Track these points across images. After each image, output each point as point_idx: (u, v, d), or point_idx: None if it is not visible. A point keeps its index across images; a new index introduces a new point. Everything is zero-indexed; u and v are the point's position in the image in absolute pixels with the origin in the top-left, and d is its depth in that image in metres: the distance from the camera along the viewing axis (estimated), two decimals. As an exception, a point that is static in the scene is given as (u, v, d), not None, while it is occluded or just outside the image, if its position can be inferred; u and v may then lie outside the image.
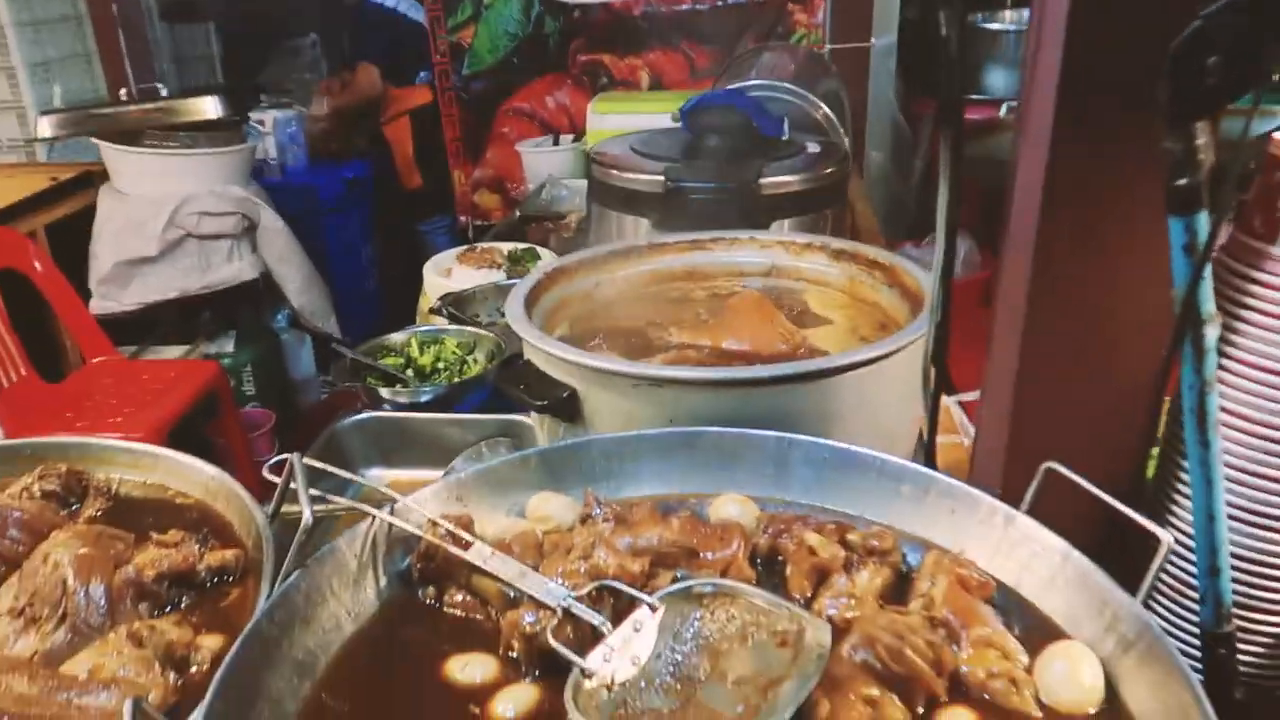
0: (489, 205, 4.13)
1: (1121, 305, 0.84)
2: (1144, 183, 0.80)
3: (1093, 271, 0.83)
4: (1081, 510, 0.82)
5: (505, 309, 1.25)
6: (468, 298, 1.99)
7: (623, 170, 1.75)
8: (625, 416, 1.09)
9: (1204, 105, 0.68)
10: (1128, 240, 0.82)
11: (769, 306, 1.34)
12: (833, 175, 1.78)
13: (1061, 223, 0.82)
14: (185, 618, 0.86)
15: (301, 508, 0.84)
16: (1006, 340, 0.87)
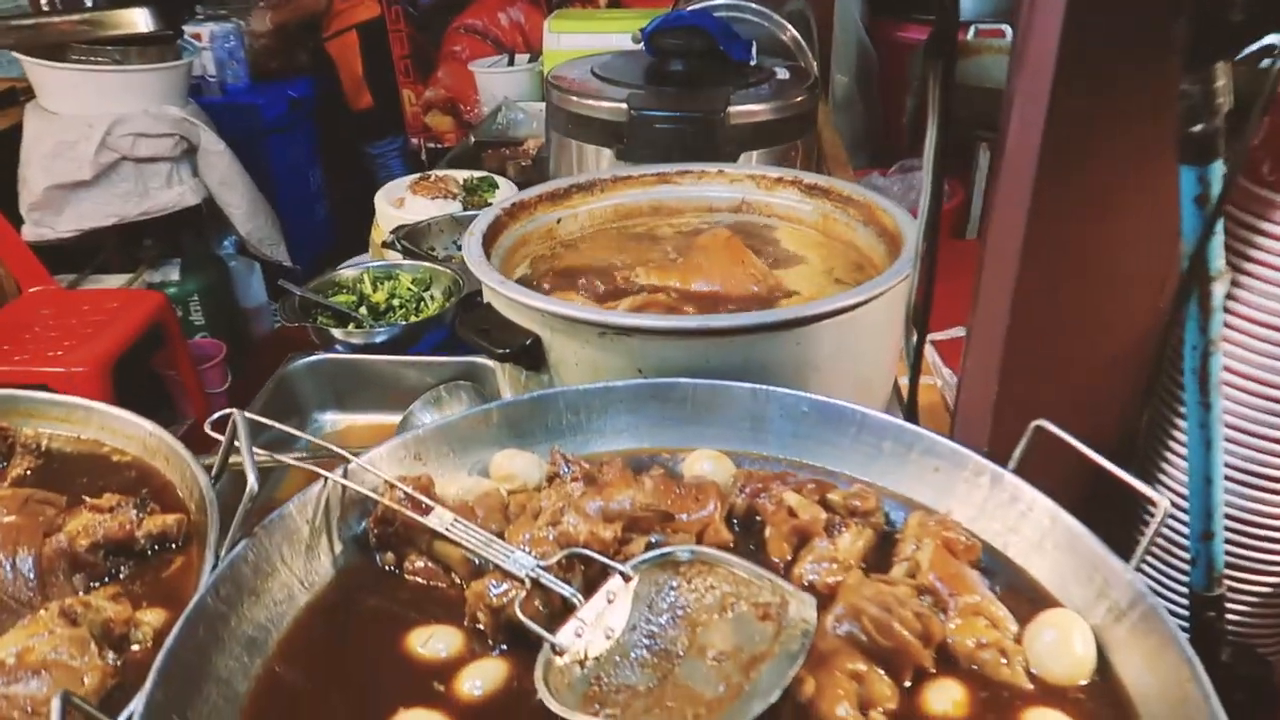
0: (442, 127, 3.98)
1: (1119, 257, 0.80)
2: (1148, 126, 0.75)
3: (1090, 222, 0.78)
4: (1071, 469, 0.78)
5: (462, 248, 1.18)
6: (422, 230, 1.90)
7: (583, 97, 1.66)
8: (591, 366, 1.04)
9: (1227, 44, 0.63)
10: (1128, 189, 0.77)
11: (739, 246, 1.28)
12: (803, 104, 1.71)
13: (1059, 170, 0.77)
14: (124, 590, 0.80)
15: (246, 472, 0.77)
16: (996, 294, 0.82)
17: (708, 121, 1.58)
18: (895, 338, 1.13)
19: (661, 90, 1.67)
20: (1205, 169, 0.65)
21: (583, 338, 1.03)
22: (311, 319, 1.64)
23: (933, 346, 1.55)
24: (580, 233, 1.41)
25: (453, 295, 1.70)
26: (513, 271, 1.29)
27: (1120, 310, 0.83)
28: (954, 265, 1.06)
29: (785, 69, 1.84)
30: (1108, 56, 0.73)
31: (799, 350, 1.02)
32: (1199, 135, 0.65)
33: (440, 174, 2.27)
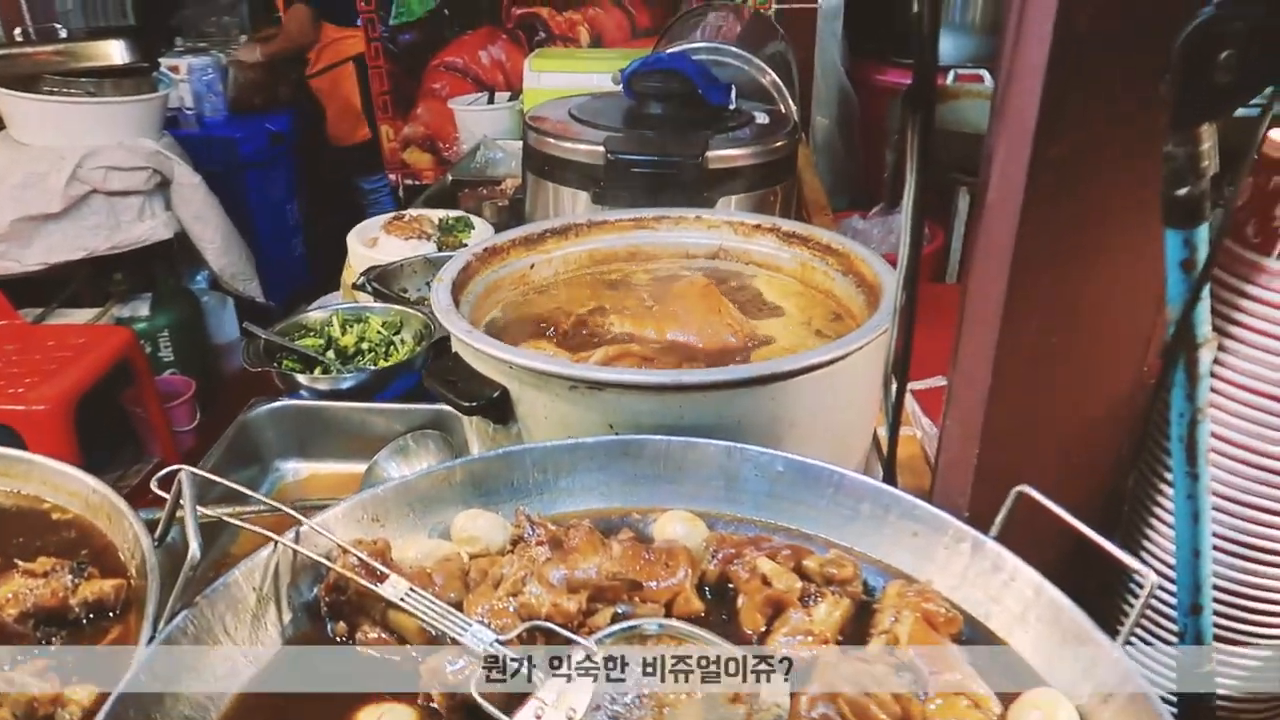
0: (420, 164, 3.96)
1: (1104, 316, 0.78)
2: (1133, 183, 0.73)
3: (1074, 279, 0.76)
4: (1054, 535, 0.75)
5: (431, 295, 1.15)
6: (394, 272, 1.87)
7: (560, 139, 1.65)
8: (561, 420, 1.01)
9: (1214, 107, 0.61)
10: (1113, 246, 0.75)
11: (716, 294, 1.26)
12: (782, 148, 1.70)
13: (1041, 226, 0.75)
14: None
15: (188, 537, 0.73)
16: (977, 353, 0.80)
17: (686, 166, 1.56)
18: (874, 391, 1.10)
19: (639, 134, 1.66)
20: (1191, 232, 0.64)
21: (552, 391, 0.99)
22: (277, 363, 1.60)
23: (912, 396, 1.53)
24: (554, 278, 1.38)
25: (424, 339, 1.67)
26: (483, 318, 1.26)
27: (1105, 371, 0.80)
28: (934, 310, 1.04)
29: (765, 113, 1.84)
30: (1091, 111, 0.72)
31: (775, 406, 0.99)
32: (1184, 198, 0.63)
33: (415, 213, 2.25)
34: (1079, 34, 0.68)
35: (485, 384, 1.04)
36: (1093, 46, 0.69)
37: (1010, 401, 0.81)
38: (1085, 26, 0.68)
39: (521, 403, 1.03)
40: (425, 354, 1.61)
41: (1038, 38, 0.70)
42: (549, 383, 0.99)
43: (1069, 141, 0.73)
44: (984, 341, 0.80)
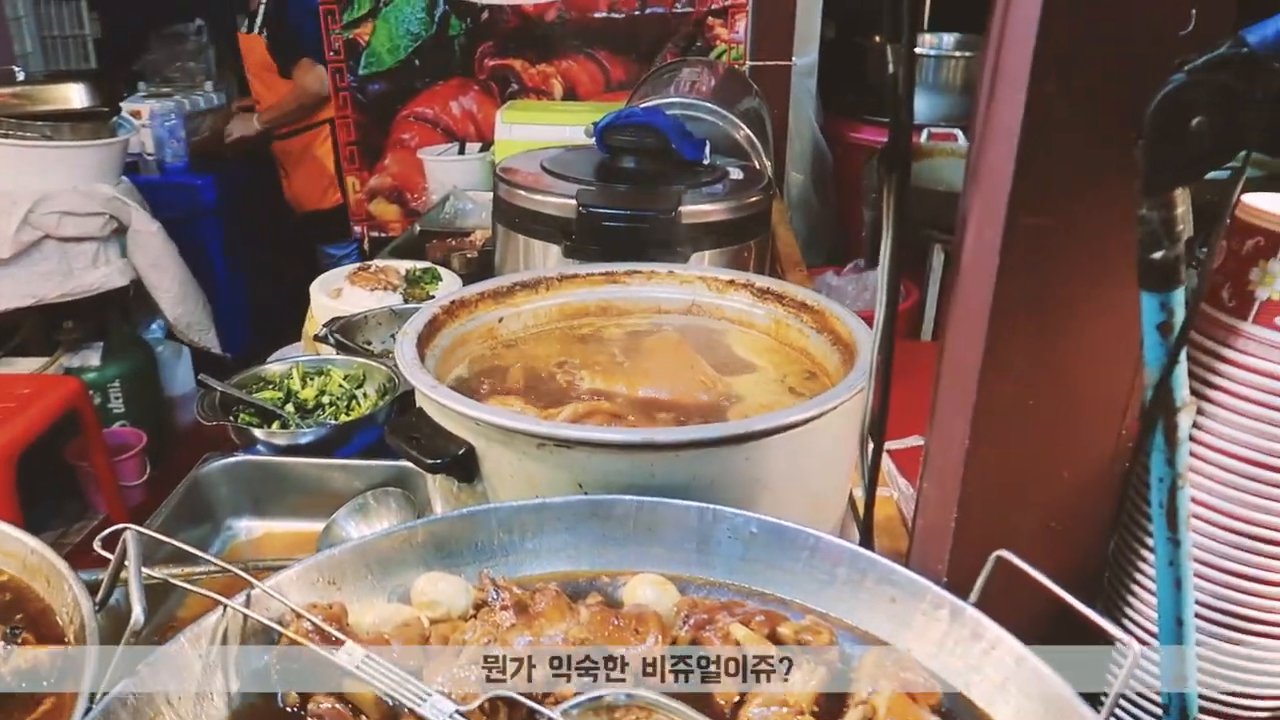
0: (386, 216, 3.97)
1: (1082, 378, 0.79)
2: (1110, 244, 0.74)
3: (1052, 341, 0.77)
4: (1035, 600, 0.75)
5: (396, 348, 1.15)
6: (358, 323, 1.87)
7: (532, 191, 1.66)
8: (528, 479, 1.00)
9: (1186, 172, 0.63)
10: (1090, 308, 0.77)
11: (688, 350, 1.27)
12: (757, 204, 1.72)
13: (1017, 290, 0.76)
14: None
15: (132, 600, 0.71)
16: (954, 417, 0.80)
17: (659, 221, 1.58)
18: (850, 451, 1.10)
19: (612, 187, 1.67)
20: (1167, 295, 0.65)
21: (519, 449, 0.99)
22: (233, 417, 1.58)
23: (889, 456, 1.53)
24: (524, 333, 1.38)
25: (387, 393, 1.65)
26: (449, 373, 1.25)
27: (1084, 434, 0.81)
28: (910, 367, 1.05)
29: (739, 168, 1.86)
30: (1066, 173, 0.73)
31: (749, 466, 0.99)
32: (1159, 262, 0.64)
33: (381, 264, 2.25)
34: (1051, 97, 0.70)
35: (450, 441, 1.03)
36: (1065, 110, 0.71)
37: (988, 463, 0.81)
38: (1056, 90, 0.70)
39: (487, 460, 1.02)
40: (388, 409, 1.59)
41: (1010, 101, 0.72)
42: (516, 440, 0.98)
43: (1044, 204, 0.74)
44: (961, 402, 0.81)
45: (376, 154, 3.91)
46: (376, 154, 3.91)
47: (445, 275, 2.25)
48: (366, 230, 3.99)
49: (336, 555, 0.87)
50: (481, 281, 1.38)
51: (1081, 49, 0.70)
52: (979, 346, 0.77)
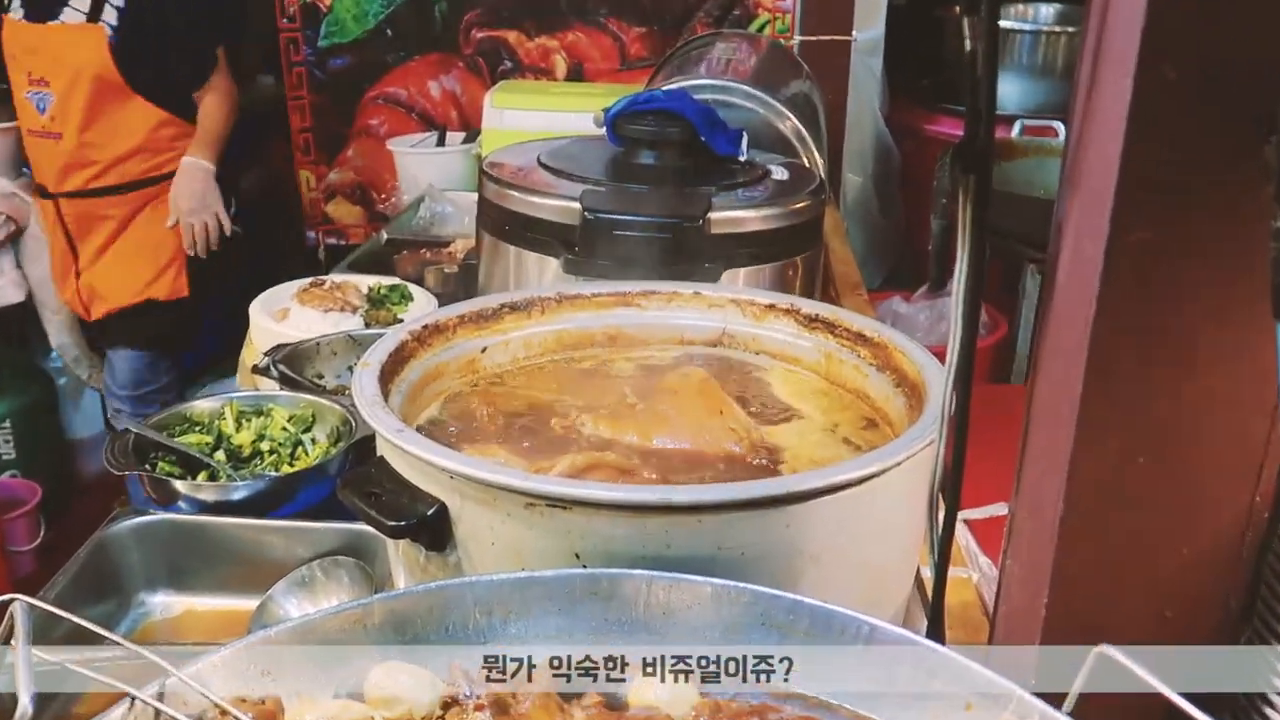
0: (346, 219, 4.02)
1: (1203, 435, 0.79)
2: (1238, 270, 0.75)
3: (1164, 387, 0.78)
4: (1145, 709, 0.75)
5: (353, 383, 1.16)
6: (307, 352, 1.89)
7: (526, 192, 1.69)
8: (514, 547, 1.01)
9: (1331, 173, 0.64)
10: (1212, 347, 0.77)
11: (717, 392, 1.28)
12: (805, 210, 1.74)
13: (1123, 321, 0.77)
14: None
15: (19, 689, 0.72)
16: (1046, 477, 0.81)
17: (683, 230, 1.60)
18: (917, 519, 1.11)
19: (626, 188, 1.70)
20: (1309, 328, 0.66)
21: (504, 509, 1.00)
22: (150, 465, 1.60)
23: (966, 528, 1.54)
24: (512, 366, 1.40)
25: (341, 439, 1.67)
26: (419, 414, 1.27)
27: (1206, 500, 0.82)
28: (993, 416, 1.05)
29: (783, 167, 1.89)
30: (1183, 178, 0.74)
31: (791, 535, 1.00)
32: (1298, 287, 0.65)
33: (338, 279, 2.28)
34: (1165, 84, 0.72)
35: (418, 498, 1.04)
36: (1182, 100, 0.72)
37: (1087, 537, 0.82)
38: (1171, 75, 0.71)
39: (463, 523, 1.03)
40: (342, 458, 1.60)
41: (1115, 89, 0.73)
42: (499, 498, 0.99)
43: (1156, 216, 0.75)
44: (1054, 461, 0.82)
45: (337, 144, 3.97)
46: (337, 144, 3.97)
47: (417, 294, 2.27)
48: (321, 237, 4.05)
49: (273, 638, 0.88)
50: (462, 302, 1.40)
51: (1203, 25, 0.72)
52: (1076, 388, 0.77)
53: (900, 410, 1.24)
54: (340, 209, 4.01)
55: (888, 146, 3.87)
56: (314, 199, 4.02)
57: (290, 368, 1.81)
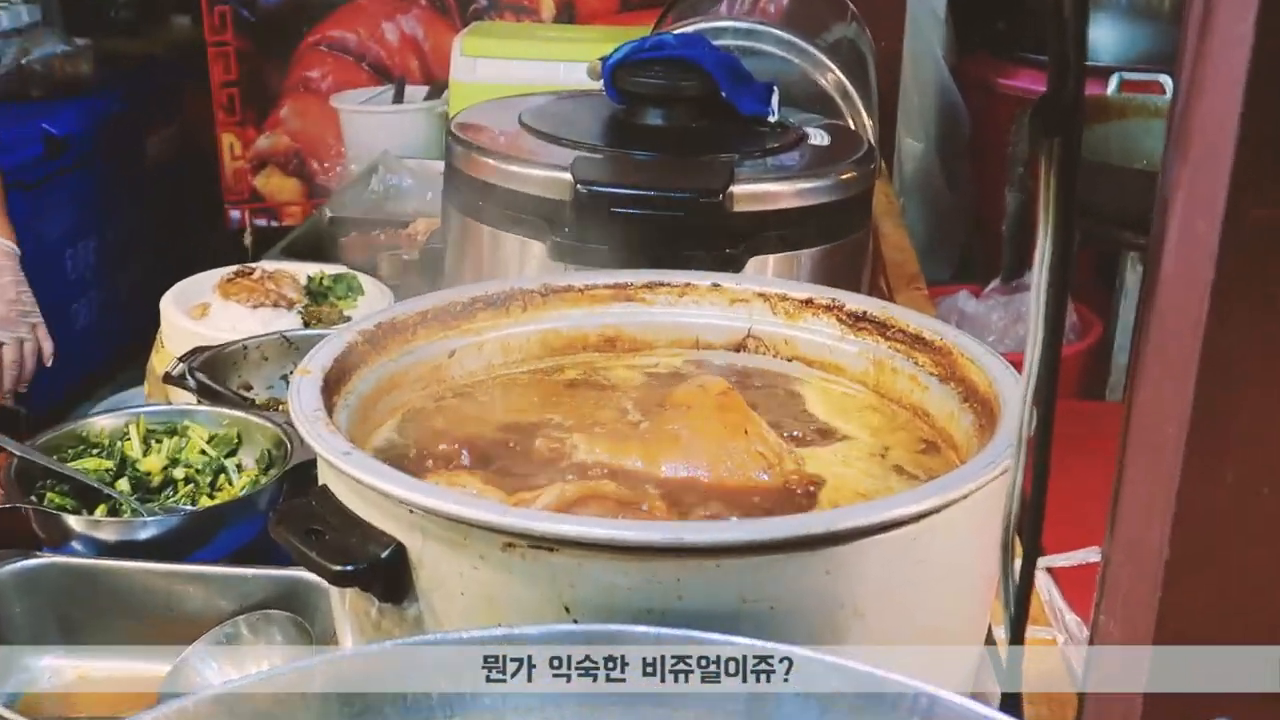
0: (280, 194, 4.04)
1: (1344, 458, 0.79)
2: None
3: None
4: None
5: (290, 396, 1.17)
6: (232, 358, 1.91)
7: (505, 159, 1.69)
8: (488, 598, 1.02)
9: None
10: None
11: (741, 407, 1.28)
12: (850, 184, 1.75)
13: (1242, 321, 0.77)
14: None
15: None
16: (1148, 516, 0.81)
17: (699, 207, 1.61)
18: (988, 565, 1.11)
19: (628, 155, 1.71)
20: None
21: (476, 551, 1.00)
22: (36, 496, 1.60)
23: (1049, 578, 1.54)
24: (486, 375, 1.41)
25: (274, 464, 1.67)
26: (371, 434, 1.28)
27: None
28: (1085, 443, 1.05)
29: (824, 130, 1.90)
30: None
31: (832, 584, 1.01)
32: None
33: (270, 267, 2.28)
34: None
35: (369, 537, 1.05)
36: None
37: (1199, 588, 0.82)
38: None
39: (425, 568, 1.03)
40: (276, 488, 1.61)
41: (1231, 35, 0.73)
42: (471, 537, 1.00)
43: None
44: (1159, 494, 0.82)
45: (268, 101, 3.98)
46: (268, 101, 3.98)
47: (368, 286, 2.28)
48: (249, 217, 4.06)
49: (189, 711, 0.88)
50: (424, 296, 1.41)
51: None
52: (1184, 409, 0.78)
53: (967, 431, 1.25)
54: (272, 182, 4.02)
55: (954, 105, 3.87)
56: (239, 169, 4.03)
57: (211, 376, 1.82)
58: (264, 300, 2.15)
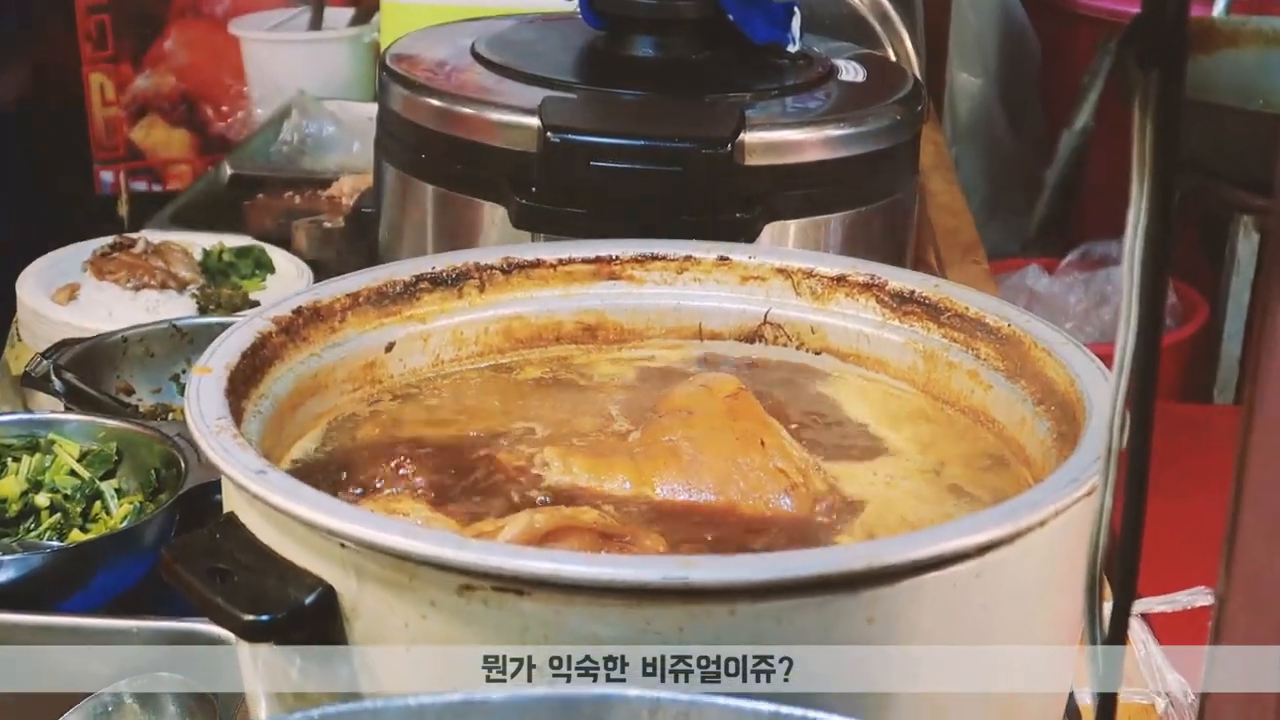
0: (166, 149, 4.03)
1: None
2: None
3: None
4: None
5: (186, 401, 1.17)
6: (109, 352, 1.91)
7: (453, 100, 1.69)
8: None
9: None
10: None
11: (756, 412, 1.29)
12: (890, 131, 1.76)
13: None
14: None
15: None
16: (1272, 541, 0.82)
17: (701, 160, 1.61)
18: (1069, 608, 1.13)
19: (610, 95, 1.72)
20: None
21: (426, 596, 1.01)
22: None
23: (1144, 626, 1.55)
24: (434, 373, 1.42)
25: (164, 489, 1.68)
26: (289, 448, 1.29)
27: None
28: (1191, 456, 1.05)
29: (856, 62, 1.90)
30: None
31: (873, 634, 1.01)
32: None
33: (156, 239, 2.28)
34: None
35: (289, 579, 1.05)
36: None
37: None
38: None
39: (361, 617, 1.04)
40: (167, 518, 1.61)
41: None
42: (419, 578, 1.00)
43: None
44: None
45: (148, 30, 3.97)
46: (148, 30, 3.97)
47: (281, 262, 2.28)
48: (125, 178, 4.05)
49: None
50: (353, 274, 1.42)
51: None
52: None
53: (1042, 441, 1.25)
54: (155, 133, 4.01)
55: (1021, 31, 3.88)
56: (113, 118, 4.01)
57: (82, 377, 1.81)
58: (148, 280, 2.15)
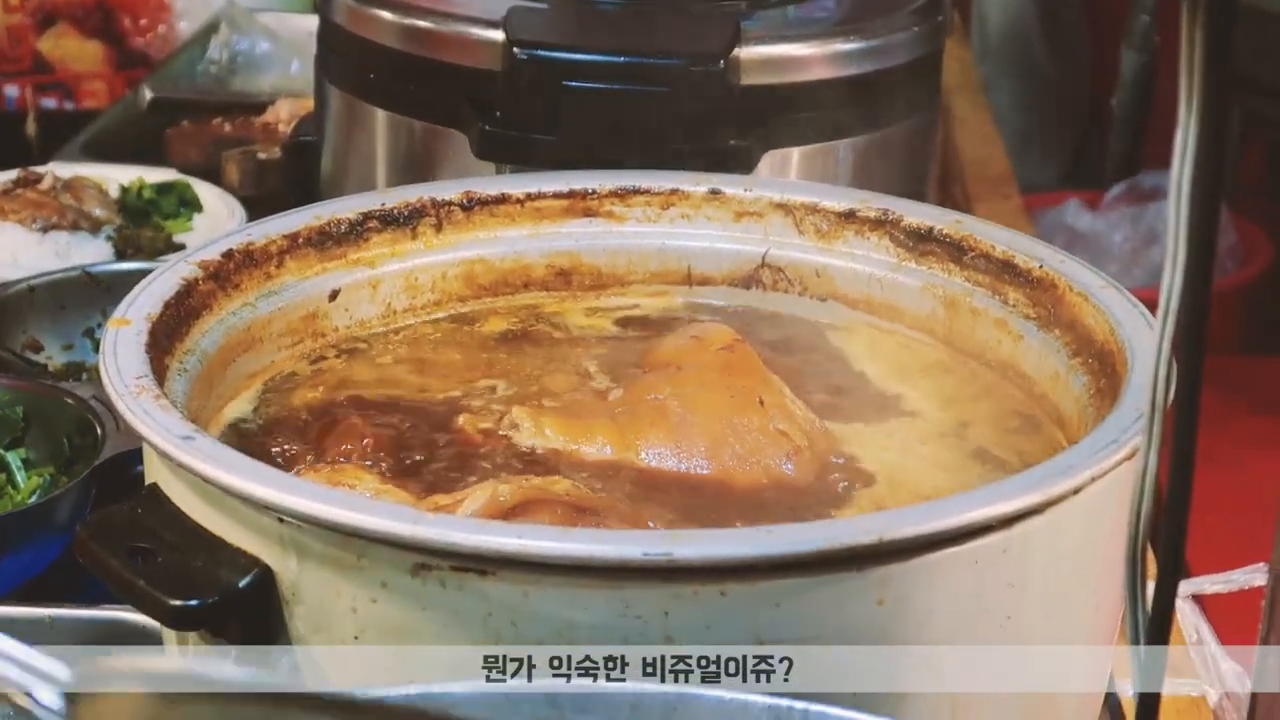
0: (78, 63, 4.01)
1: None
2: None
3: None
4: None
5: (101, 359, 1.17)
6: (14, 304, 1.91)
7: (406, 12, 1.69)
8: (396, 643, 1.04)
9: None
10: None
11: (753, 367, 1.30)
12: (906, 45, 1.76)
13: None
14: None
15: None
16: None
17: (690, 79, 1.61)
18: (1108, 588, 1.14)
19: (585, 5, 1.71)
20: None
21: (376, 577, 1.02)
22: None
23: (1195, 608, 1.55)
24: (384, 325, 1.43)
25: (77, 459, 1.68)
26: (220, 411, 1.29)
27: None
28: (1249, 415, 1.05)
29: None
30: None
31: (885, 617, 1.02)
32: None
33: (66, 173, 2.28)
34: None
35: (220, 559, 1.06)
36: None
37: None
38: None
39: (302, 602, 1.05)
40: (81, 491, 1.61)
41: None
42: (369, 557, 1.01)
43: None
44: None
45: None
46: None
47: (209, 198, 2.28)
48: (32, 95, 4.03)
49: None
50: (292, 212, 1.42)
51: None
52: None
53: (1079, 398, 1.26)
54: (65, 44, 4.00)
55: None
56: (16, 26, 4.01)
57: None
58: (57, 220, 2.14)
